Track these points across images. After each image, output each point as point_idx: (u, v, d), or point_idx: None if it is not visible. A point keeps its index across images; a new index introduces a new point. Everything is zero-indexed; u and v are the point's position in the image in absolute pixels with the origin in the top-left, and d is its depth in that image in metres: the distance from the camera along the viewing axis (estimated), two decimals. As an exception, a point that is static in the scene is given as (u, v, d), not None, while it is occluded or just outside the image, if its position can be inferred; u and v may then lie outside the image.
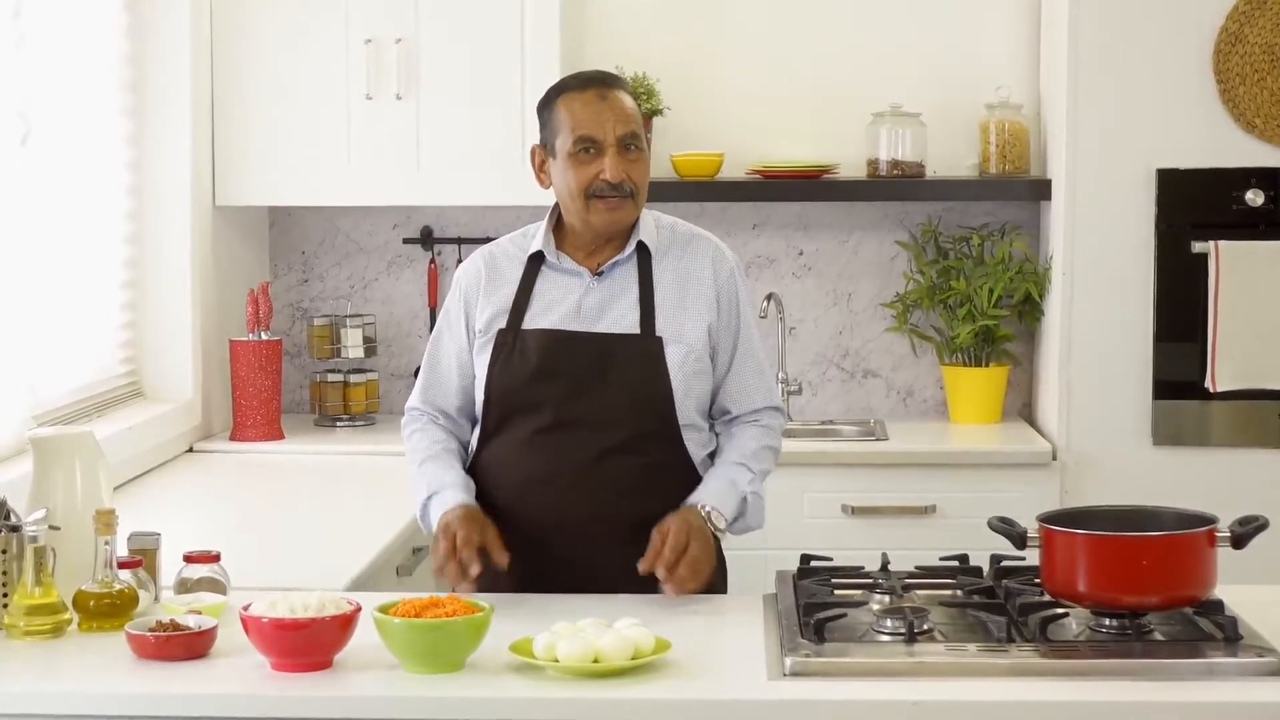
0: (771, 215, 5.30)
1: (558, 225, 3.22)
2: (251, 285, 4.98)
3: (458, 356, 3.23)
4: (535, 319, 3.16)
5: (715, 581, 3.22)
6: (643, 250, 3.18)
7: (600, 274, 3.17)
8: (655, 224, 3.23)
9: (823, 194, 5.16)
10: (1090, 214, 4.80)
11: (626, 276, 3.18)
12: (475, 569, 2.98)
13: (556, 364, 3.12)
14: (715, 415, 3.25)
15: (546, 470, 3.11)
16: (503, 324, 3.17)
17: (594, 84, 3.14)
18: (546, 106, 3.16)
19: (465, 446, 3.25)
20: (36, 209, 4.03)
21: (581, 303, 3.16)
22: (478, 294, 3.21)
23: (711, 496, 3.11)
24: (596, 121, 3.09)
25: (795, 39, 5.27)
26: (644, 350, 3.13)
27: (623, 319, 3.15)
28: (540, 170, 3.19)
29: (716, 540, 3.16)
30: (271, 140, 4.89)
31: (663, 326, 3.14)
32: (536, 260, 3.20)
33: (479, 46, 4.85)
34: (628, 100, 3.13)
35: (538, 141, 3.20)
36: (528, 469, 3.12)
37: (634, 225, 3.19)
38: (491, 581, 3.09)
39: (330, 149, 4.89)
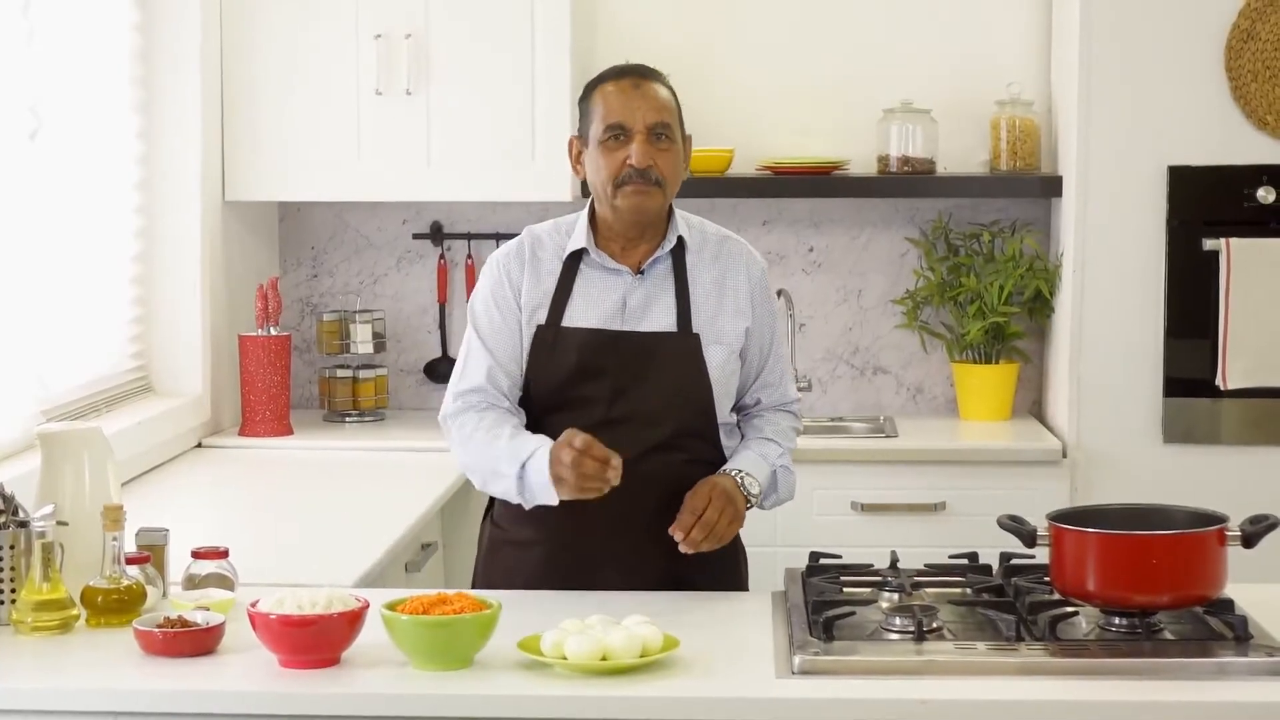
0: (782, 211, 5.29)
1: (594, 220, 3.22)
2: (261, 280, 4.98)
3: (512, 334, 3.18)
4: (576, 317, 3.16)
5: (737, 578, 3.24)
6: (678, 249, 3.20)
7: (642, 272, 3.18)
8: (686, 223, 3.25)
9: (833, 190, 5.14)
10: (1101, 211, 4.79)
11: (665, 274, 3.19)
12: (615, 459, 2.93)
13: (599, 363, 3.13)
14: (743, 406, 3.27)
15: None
16: (542, 319, 3.17)
17: (629, 74, 3.18)
18: (585, 98, 3.20)
19: None
20: (46, 204, 4.03)
21: (626, 301, 3.17)
22: (522, 274, 3.19)
23: (744, 464, 3.15)
24: (627, 109, 3.12)
25: (806, 35, 5.26)
26: (683, 348, 3.15)
27: (663, 317, 3.17)
28: (577, 161, 3.22)
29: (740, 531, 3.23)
30: (281, 135, 4.89)
31: (701, 326, 3.17)
32: (575, 257, 3.20)
33: (489, 41, 4.85)
34: (662, 91, 3.17)
35: (575, 133, 3.23)
36: None
37: (669, 220, 3.20)
38: (530, 579, 3.12)
39: (340, 144, 4.88)
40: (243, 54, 4.87)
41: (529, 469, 3.02)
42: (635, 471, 3.03)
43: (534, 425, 3.16)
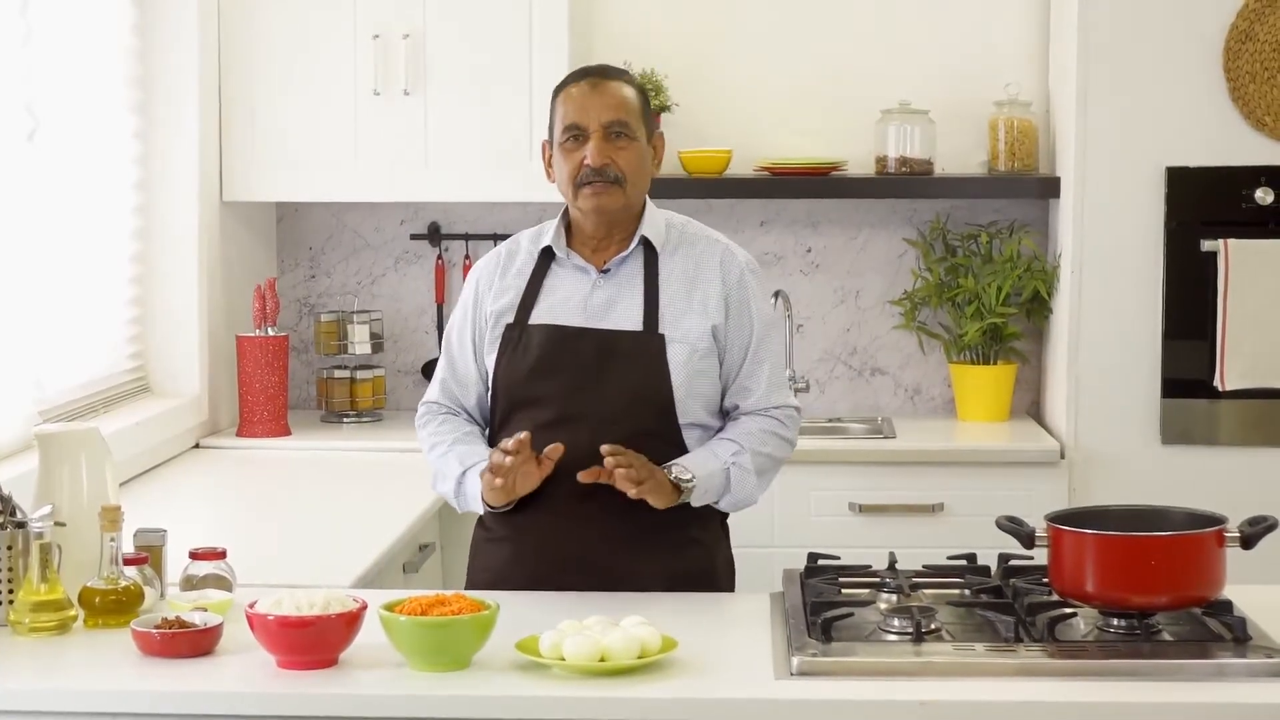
0: (779, 212, 5.29)
1: (570, 222, 3.23)
2: (259, 281, 4.97)
3: (475, 350, 3.24)
4: (542, 314, 3.17)
5: (721, 579, 3.23)
6: (650, 249, 3.18)
7: (606, 270, 3.17)
8: (666, 223, 3.23)
9: (831, 191, 5.14)
10: (1099, 212, 4.79)
11: (633, 274, 3.18)
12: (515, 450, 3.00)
13: (558, 359, 3.13)
14: (726, 411, 3.24)
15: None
16: (510, 319, 3.18)
17: (590, 75, 3.18)
18: (551, 102, 3.21)
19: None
20: (44, 204, 4.03)
21: (588, 299, 3.16)
22: (489, 287, 3.23)
23: (684, 460, 3.10)
24: (583, 109, 3.13)
25: (804, 35, 5.26)
26: (646, 347, 3.13)
27: (628, 316, 3.15)
28: (549, 165, 3.22)
29: (725, 530, 3.25)
30: (279, 136, 4.89)
31: (666, 325, 3.14)
32: (546, 256, 3.21)
33: (487, 42, 4.85)
34: (622, 90, 3.15)
35: (546, 138, 3.23)
36: None
37: (639, 220, 3.19)
38: (500, 576, 3.12)
39: (338, 145, 4.88)
40: (240, 54, 4.87)
41: (468, 476, 3.13)
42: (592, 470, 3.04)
43: (500, 424, 3.18)
